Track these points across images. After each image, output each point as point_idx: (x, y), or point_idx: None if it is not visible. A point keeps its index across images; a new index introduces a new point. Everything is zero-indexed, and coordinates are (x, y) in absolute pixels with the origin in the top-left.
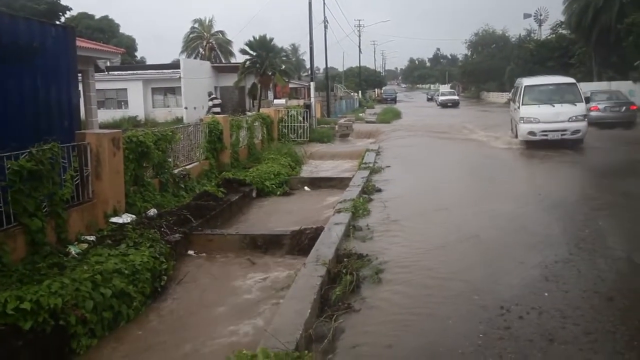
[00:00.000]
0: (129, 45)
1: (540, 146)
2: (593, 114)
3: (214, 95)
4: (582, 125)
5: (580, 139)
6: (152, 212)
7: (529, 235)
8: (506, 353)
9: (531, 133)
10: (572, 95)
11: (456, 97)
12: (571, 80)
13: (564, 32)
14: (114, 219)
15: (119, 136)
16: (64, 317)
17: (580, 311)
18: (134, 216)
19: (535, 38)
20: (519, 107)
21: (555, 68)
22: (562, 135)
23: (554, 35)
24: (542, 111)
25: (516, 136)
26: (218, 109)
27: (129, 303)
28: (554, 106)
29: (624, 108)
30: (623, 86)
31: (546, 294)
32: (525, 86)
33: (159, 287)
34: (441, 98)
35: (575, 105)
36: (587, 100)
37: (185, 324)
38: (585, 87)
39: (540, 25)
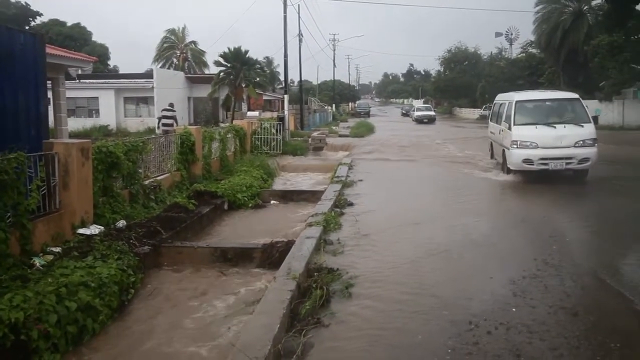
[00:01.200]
0: (102, 53)
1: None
2: None
3: (168, 107)
4: (591, 152)
5: (587, 169)
6: (121, 223)
7: (498, 251)
8: None
9: (527, 161)
10: (577, 114)
11: (432, 113)
12: (574, 95)
13: (534, 51)
14: (81, 230)
15: (88, 146)
16: (25, 332)
17: (546, 326)
18: (102, 227)
19: (506, 56)
20: (509, 128)
21: (525, 86)
22: (567, 164)
23: (524, 54)
24: (541, 133)
25: (502, 165)
26: (170, 121)
27: (94, 317)
28: (555, 127)
29: None
30: (590, 105)
31: (514, 309)
32: (516, 102)
33: (126, 300)
34: (417, 113)
35: (582, 126)
36: (595, 120)
37: (153, 338)
38: None
39: (511, 44)
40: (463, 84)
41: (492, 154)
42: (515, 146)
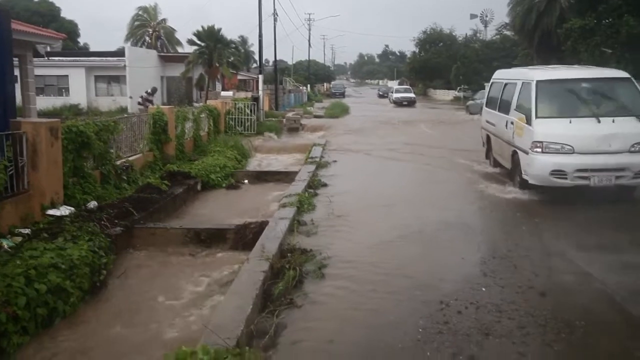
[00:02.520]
0: (71, 30)
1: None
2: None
3: (150, 91)
4: None
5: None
6: (93, 204)
7: (470, 232)
8: (444, 347)
9: (558, 173)
10: (630, 101)
11: (412, 95)
12: (622, 74)
13: (509, 33)
14: (51, 212)
15: (57, 125)
16: None
17: (514, 305)
18: (72, 209)
19: (481, 38)
20: (527, 122)
21: (499, 68)
22: (616, 178)
23: (498, 37)
24: (578, 131)
25: (513, 175)
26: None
27: (65, 299)
28: (599, 122)
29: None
30: None
31: (484, 289)
32: (538, 83)
33: (97, 282)
34: (395, 95)
35: None
36: None
37: (124, 320)
38: None
39: (485, 26)
40: (438, 66)
41: (489, 152)
42: (538, 150)
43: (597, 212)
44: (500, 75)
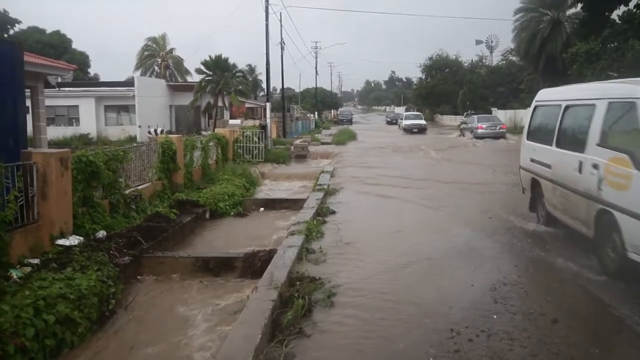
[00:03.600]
0: (82, 61)
1: None
2: (480, 131)
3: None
4: None
5: None
6: (101, 234)
7: (480, 258)
8: None
9: None
10: None
11: (423, 122)
12: None
13: (514, 58)
14: (60, 241)
15: (67, 156)
16: (1, 347)
17: (526, 333)
18: (81, 238)
19: (486, 64)
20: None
21: (506, 93)
22: None
23: (504, 62)
24: None
25: (608, 256)
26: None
27: (73, 329)
28: None
29: (498, 127)
30: None
31: (495, 316)
32: None
33: (106, 311)
34: (405, 122)
35: None
36: None
37: (133, 350)
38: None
39: (491, 52)
40: (444, 91)
41: (537, 203)
42: None
43: None
44: (552, 95)
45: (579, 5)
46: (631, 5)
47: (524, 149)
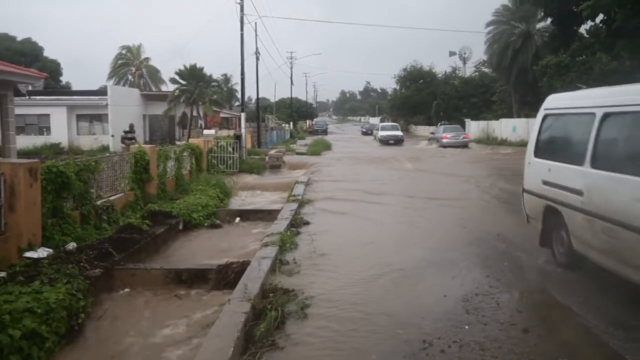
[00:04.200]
0: (54, 69)
1: None
2: (444, 140)
3: (127, 129)
4: None
5: None
6: (72, 246)
7: (453, 269)
8: None
9: None
10: None
11: (400, 133)
12: None
13: (487, 70)
14: (28, 254)
15: (36, 166)
16: None
17: (498, 343)
18: (51, 250)
19: (460, 75)
20: None
21: (478, 104)
22: None
23: (477, 73)
24: None
25: None
26: (131, 142)
27: (40, 344)
28: None
29: (461, 137)
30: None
31: (466, 327)
32: None
33: (75, 325)
34: (382, 133)
35: None
36: None
37: None
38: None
39: (464, 63)
40: (419, 102)
41: (549, 236)
42: None
43: None
44: (573, 100)
45: (549, 20)
46: (597, 20)
47: (531, 168)
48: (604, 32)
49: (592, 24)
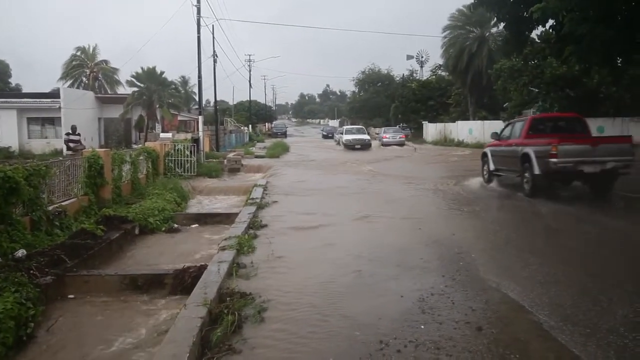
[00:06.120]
0: (2, 71)
1: None
2: (384, 139)
3: (70, 132)
4: None
5: None
6: (21, 253)
7: (409, 269)
8: None
9: None
10: None
11: (366, 137)
12: None
13: (443, 73)
14: None
15: None
16: None
17: (452, 342)
18: None
19: (417, 78)
20: None
21: (436, 107)
22: None
23: (434, 77)
24: None
25: None
26: (76, 145)
27: None
28: None
29: (398, 136)
30: (495, 125)
31: (422, 327)
32: None
33: (24, 335)
34: (346, 137)
35: None
36: None
37: None
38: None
39: (422, 67)
40: (377, 105)
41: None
42: None
43: None
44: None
45: (502, 25)
46: (547, 25)
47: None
48: (553, 37)
49: (543, 29)
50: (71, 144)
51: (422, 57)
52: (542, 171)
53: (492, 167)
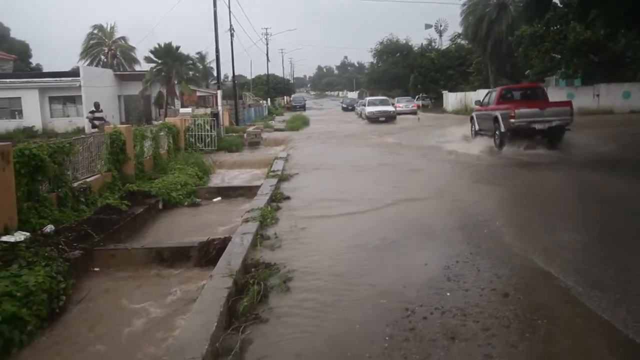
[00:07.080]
0: (22, 51)
1: None
2: (398, 108)
3: (93, 109)
4: None
5: None
6: (49, 228)
7: (434, 237)
8: (411, 354)
9: None
10: None
11: (391, 109)
12: None
13: (463, 42)
14: (4, 238)
15: (8, 149)
16: None
17: (478, 308)
18: (28, 234)
19: (436, 47)
20: None
21: (455, 76)
22: None
23: (453, 45)
24: None
25: None
26: (101, 122)
27: (22, 328)
28: None
29: (410, 106)
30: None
31: (448, 294)
32: None
33: (57, 308)
34: (369, 109)
35: None
36: None
37: (86, 346)
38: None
39: (440, 36)
40: (396, 75)
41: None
42: None
43: None
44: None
45: None
46: None
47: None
48: (576, 0)
49: None
50: (96, 122)
51: (440, 25)
52: (506, 129)
53: (477, 127)
